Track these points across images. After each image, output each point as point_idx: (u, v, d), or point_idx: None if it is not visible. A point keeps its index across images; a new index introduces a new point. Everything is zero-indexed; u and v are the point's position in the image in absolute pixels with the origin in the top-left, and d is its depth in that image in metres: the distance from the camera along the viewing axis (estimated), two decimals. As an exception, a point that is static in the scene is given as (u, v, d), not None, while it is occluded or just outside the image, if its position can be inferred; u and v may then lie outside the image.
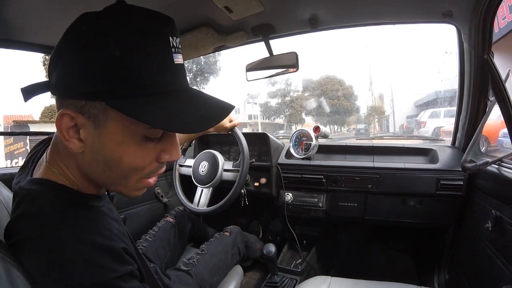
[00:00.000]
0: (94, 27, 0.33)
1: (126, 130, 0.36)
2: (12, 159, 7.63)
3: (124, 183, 0.40)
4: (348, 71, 27.78)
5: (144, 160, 0.38)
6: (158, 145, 0.39)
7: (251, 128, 14.77)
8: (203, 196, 1.16)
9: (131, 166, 0.38)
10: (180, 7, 0.78)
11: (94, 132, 0.36)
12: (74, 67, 0.34)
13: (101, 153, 0.37)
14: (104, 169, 0.38)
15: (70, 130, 0.36)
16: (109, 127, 0.35)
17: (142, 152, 0.38)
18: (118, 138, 0.36)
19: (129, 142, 0.37)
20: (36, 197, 0.38)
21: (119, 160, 0.37)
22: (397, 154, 1.18)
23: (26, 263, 0.35)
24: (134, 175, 0.39)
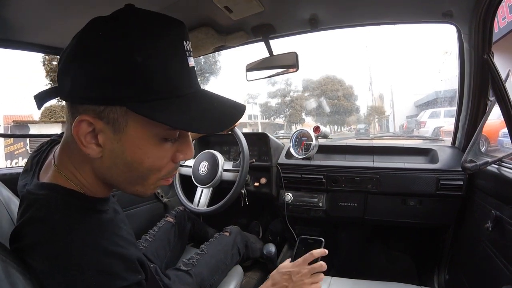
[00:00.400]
0: (111, 32, 0.33)
1: (147, 133, 0.36)
2: (12, 159, 7.63)
3: (143, 183, 0.41)
4: (348, 71, 27.78)
5: (162, 161, 0.39)
6: (174, 146, 0.40)
7: (251, 128, 14.77)
8: (203, 196, 1.16)
9: (151, 167, 0.39)
10: (180, 7, 0.78)
11: (114, 137, 0.36)
12: (92, 73, 0.33)
13: (121, 157, 0.37)
14: (123, 172, 0.39)
15: (87, 135, 0.36)
16: (130, 130, 0.36)
17: (161, 153, 0.39)
18: (139, 141, 0.37)
19: (149, 145, 0.37)
20: (45, 203, 0.38)
21: (140, 162, 0.38)
22: (397, 154, 1.18)
23: (34, 267, 0.35)
24: (153, 175, 0.40)
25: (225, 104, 0.41)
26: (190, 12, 0.83)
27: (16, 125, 8.34)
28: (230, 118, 0.40)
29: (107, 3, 0.72)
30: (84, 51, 0.34)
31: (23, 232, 0.37)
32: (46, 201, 0.38)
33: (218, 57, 11.48)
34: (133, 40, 0.33)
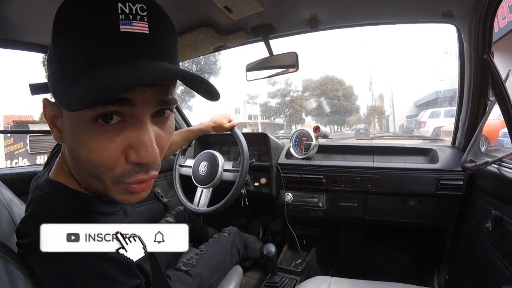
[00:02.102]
0: (57, 17, 0.32)
1: (72, 114, 0.32)
2: (12, 159, 7.63)
3: (101, 185, 0.35)
4: (348, 71, 27.85)
5: (102, 154, 0.32)
6: (120, 138, 0.32)
7: (251, 128, 14.77)
8: (203, 196, 1.16)
9: (90, 160, 0.32)
10: (180, 7, 0.78)
11: (62, 121, 0.35)
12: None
13: (67, 144, 0.35)
14: (74, 164, 0.36)
15: (53, 119, 0.36)
16: (64, 114, 0.33)
17: (98, 143, 0.32)
18: (70, 126, 0.33)
19: (79, 129, 0.32)
20: (49, 203, 0.38)
21: (78, 152, 0.33)
22: (397, 154, 1.18)
23: (33, 266, 0.35)
24: (103, 173, 0.34)
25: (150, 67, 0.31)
26: (190, 12, 0.83)
27: (16, 125, 8.34)
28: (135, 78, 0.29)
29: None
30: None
31: (26, 228, 0.37)
32: (50, 200, 0.38)
33: (218, 57, 11.48)
34: (61, 25, 0.31)
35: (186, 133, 1.07)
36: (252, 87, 19.80)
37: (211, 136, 1.48)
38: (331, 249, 1.42)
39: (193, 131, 1.08)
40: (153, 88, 0.32)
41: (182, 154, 1.28)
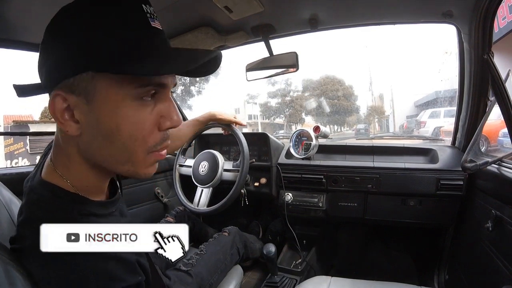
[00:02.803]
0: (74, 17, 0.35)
1: (116, 94, 0.35)
2: (12, 159, 7.63)
3: (131, 159, 0.38)
4: (348, 71, 27.79)
5: (144, 126, 0.37)
6: (155, 110, 0.38)
7: (251, 128, 14.77)
8: (203, 196, 1.16)
9: (131, 135, 0.37)
10: (180, 7, 0.78)
11: (87, 108, 0.36)
12: (59, 53, 0.35)
13: (98, 127, 0.36)
14: (105, 145, 0.37)
15: (64, 112, 0.36)
16: (100, 96, 0.35)
17: (138, 117, 0.36)
18: (110, 105, 0.35)
19: (123, 107, 0.36)
20: (45, 205, 0.38)
21: (117, 129, 0.36)
22: (397, 154, 1.18)
23: (32, 270, 0.35)
24: (138, 146, 0.38)
25: (193, 52, 0.42)
26: (190, 12, 0.83)
27: (16, 125, 8.34)
28: (203, 55, 0.39)
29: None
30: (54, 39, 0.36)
31: (23, 231, 0.37)
32: (46, 203, 0.38)
33: (218, 57, 11.46)
34: (91, 18, 0.35)
35: (193, 122, 1.05)
36: (252, 87, 19.79)
37: (211, 136, 1.48)
38: (331, 249, 1.42)
39: (199, 119, 1.06)
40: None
41: (182, 154, 1.28)
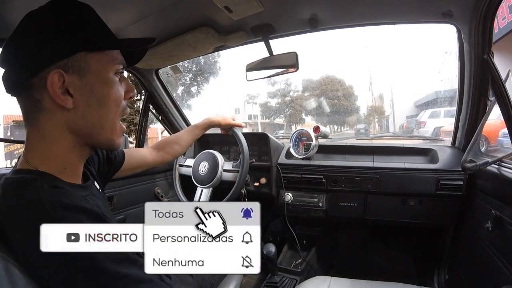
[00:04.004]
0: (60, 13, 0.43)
1: (106, 68, 0.45)
2: (12, 159, 7.62)
3: (112, 125, 0.47)
4: (348, 71, 27.75)
5: (121, 93, 0.48)
6: (123, 84, 0.49)
7: (251, 128, 14.76)
8: (203, 196, 1.16)
9: (116, 99, 0.47)
10: (180, 7, 0.78)
11: (81, 83, 0.43)
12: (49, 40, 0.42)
13: (92, 97, 0.44)
14: (97, 110, 0.45)
15: (60, 89, 0.42)
16: (93, 70, 0.44)
17: (118, 87, 0.47)
18: (103, 77, 0.45)
19: (110, 79, 0.46)
20: (18, 183, 0.40)
21: (108, 96, 0.45)
22: (397, 154, 1.18)
23: (12, 246, 0.37)
24: (117, 110, 0.47)
25: None
26: (190, 12, 0.83)
27: (16, 125, 8.34)
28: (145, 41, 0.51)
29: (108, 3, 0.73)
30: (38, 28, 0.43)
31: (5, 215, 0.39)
32: (18, 182, 0.40)
33: (218, 57, 11.48)
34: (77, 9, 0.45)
35: (192, 129, 1.05)
36: (252, 87, 19.78)
37: (211, 136, 1.48)
38: (331, 249, 1.42)
39: (199, 126, 1.06)
40: None
41: (182, 154, 1.27)
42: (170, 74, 1.53)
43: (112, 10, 0.76)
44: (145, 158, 0.87)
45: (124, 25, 0.87)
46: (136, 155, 0.83)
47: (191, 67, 10.92)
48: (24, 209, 0.38)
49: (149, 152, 0.90)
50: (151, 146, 0.94)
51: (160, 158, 0.90)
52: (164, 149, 0.92)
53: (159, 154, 0.91)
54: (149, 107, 1.42)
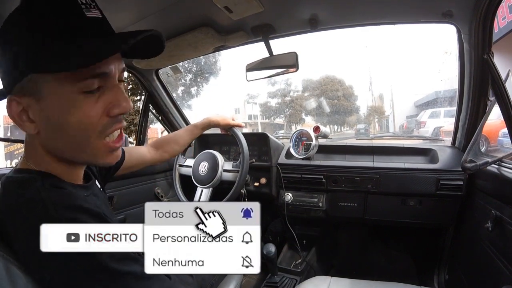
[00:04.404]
0: (12, 25, 0.38)
1: (60, 90, 0.38)
2: (12, 159, 7.62)
3: (86, 148, 0.41)
4: (348, 71, 27.71)
5: (90, 114, 0.39)
6: (102, 99, 0.40)
7: (251, 128, 14.75)
8: (203, 196, 1.16)
9: (79, 124, 0.39)
10: (180, 7, 0.78)
11: (39, 107, 0.39)
12: (6, 61, 0.38)
13: (51, 123, 0.39)
14: (61, 138, 0.40)
15: (21, 114, 0.39)
16: (46, 94, 0.38)
17: (85, 109, 0.39)
18: (56, 101, 0.38)
19: (69, 101, 0.38)
20: (19, 183, 0.40)
21: (67, 123, 0.39)
22: (397, 154, 1.18)
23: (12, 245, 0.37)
24: (90, 133, 0.40)
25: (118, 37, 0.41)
26: (190, 12, 0.83)
27: (16, 125, 8.34)
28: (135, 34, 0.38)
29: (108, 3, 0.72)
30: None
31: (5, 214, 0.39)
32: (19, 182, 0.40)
33: (218, 57, 11.47)
34: (25, 23, 0.37)
35: (191, 128, 1.05)
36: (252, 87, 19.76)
37: (211, 136, 1.48)
38: (331, 249, 1.42)
39: (198, 125, 1.07)
40: (118, 59, 0.42)
41: (182, 154, 1.27)
42: (170, 74, 1.53)
43: (112, 10, 0.75)
44: (144, 157, 0.88)
45: (124, 25, 0.87)
46: (135, 153, 0.84)
47: (191, 67, 10.92)
48: (24, 209, 0.37)
49: (148, 150, 0.90)
50: (150, 144, 0.95)
51: (158, 156, 0.91)
52: (162, 147, 0.93)
53: (157, 152, 0.92)
54: (149, 107, 1.42)
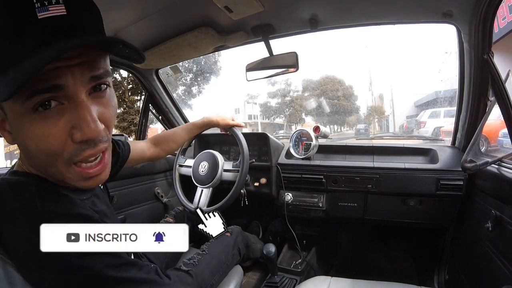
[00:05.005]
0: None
1: (12, 111, 0.34)
2: (12, 159, 7.62)
3: (57, 171, 0.37)
4: (348, 71, 27.81)
5: (49, 141, 0.34)
6: (62, 121, 0.34)
7: (251, 128, 14.75)
8: (203, 196, 1.16)
9: (38, 148, 0.35)
10: (180, 7, 0.78)
11: (9, 122, 0.36)
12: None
13: (18, 142, 0.37)
14: (29, 158, 0.38)
15: (1, 123, 0.37)
16: (7, 112, 0.35)
17: (42, 131, 0.34)
18: (16, 122, 0.34)
19: (25, 123, 0.34)
20: (16, 186, 0.39)
21: (25, 144, 0.35)
22: (397, 154, 1.18)
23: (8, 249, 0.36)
24: (55, 160, 0.36)
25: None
26: (190, 12, 0.83)
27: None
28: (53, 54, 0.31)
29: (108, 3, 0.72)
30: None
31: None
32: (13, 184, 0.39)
33: (218, 57, 11.47)
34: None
35: (189, 127, 1.06)
36: (252, 87, 19.78)
37: (211, 136, 1.48)
38: (331, 249, 1.42)
39: (196, 124, 1.07)
40: (80, 66, 0.34)
41: (182, 154, 1.27)
42: (170, 74, 1.54)
43: (112, 10, 0.75)
44: (143, 153, 0.89)
45: (125, 25, 0.87)
46: (136, 148, 0.85)
47: (191, 67, 10.92)
48: (19, 214, 0.36)
49: (147, 147, 0.91)
50: (150, 140, 0.96)
51: (156, 154, 0.93)
52: (161, 145, 0.95)
53: (156, 149, 0.94)
54: (149, 107, 1.42)
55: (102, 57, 0.37)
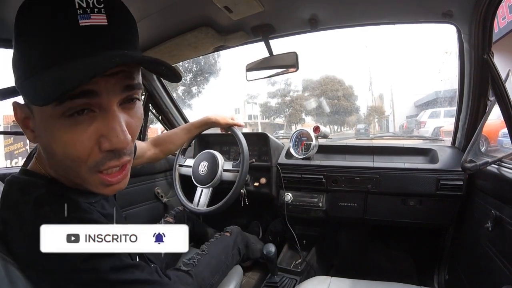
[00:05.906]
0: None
1: (43, 113, 0.33)
2: (12, 159, 7.62)
3: (78, 176, 0.37)
4: (348, 71, 27.81)
5: (76, 147, 0.33)
6: (91, 128, 0.34)
7: (251, 128, 14.75)
8: (203, 196, 1.16)
9: (65, 154, 0.34)
10: (180, 7, 0.78)
11: (33, 121, 0.36)
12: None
13: (42, 142, 0.37)
14: (53, 159, 0.38)
15: (25, 121, 0.37)
16: (35, 112, 0.35)
17: (71, 137, 0.33)
18: (43, 124, 0.34)
19: (52, 126, 0.33)
20: (25, 185, 0.39)
21: (51, 147, 0.35)
22: (397, 154, 1.18)
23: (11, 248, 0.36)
24: (79, 166, 0.35)
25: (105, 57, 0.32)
26: (190, 12, 0.83)
27: (16, 125, 8.32)
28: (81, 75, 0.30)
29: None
30: None
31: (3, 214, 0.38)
32: (24, 184, 0.39)
33: (218, 57, 11.47)
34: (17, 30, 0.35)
35: (188, 127, 1.06)
36: (252, 87, 19.78)
37: (211, 136, 1.48)
38: (331, 249, 1.42)
39: (195, 124, 1.07)
40: (116, 76, 0.34)
41: (182, 154, 1.27)
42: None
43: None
44: (144, 154, 0.90)
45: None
46: (140, 149, 0.85)
47: (191, 67, 10.91)
48: (25, 216, 0.37)
49: (148, 147, 0.92)
50: (150, 141, 0.96)
51: (155, 155, 0.94)
52: (160, 146, 0.95)
53: (156, 151, 0.94)
54: (149, 107, 1.42)
55: (137, 69, 0.37)
